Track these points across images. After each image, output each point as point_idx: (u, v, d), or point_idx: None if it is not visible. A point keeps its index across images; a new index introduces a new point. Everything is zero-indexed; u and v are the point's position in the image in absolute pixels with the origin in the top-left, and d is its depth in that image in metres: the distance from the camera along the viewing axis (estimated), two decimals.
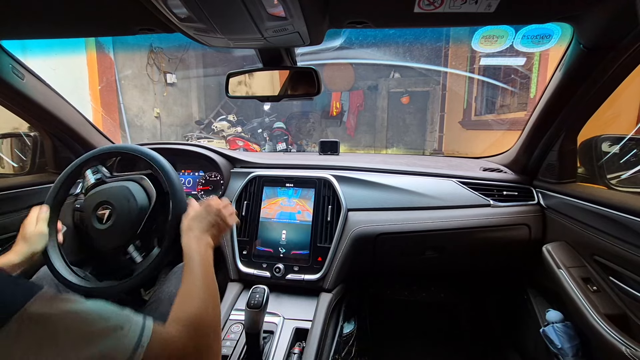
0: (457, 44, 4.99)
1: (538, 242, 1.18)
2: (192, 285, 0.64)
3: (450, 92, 5.66)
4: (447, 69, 5.06)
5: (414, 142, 6.43)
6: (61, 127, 1.28)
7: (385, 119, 6.51)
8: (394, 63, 5.81)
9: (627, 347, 0.76)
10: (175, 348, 0.51)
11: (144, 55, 5.19)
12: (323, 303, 1.05)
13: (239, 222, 0.89)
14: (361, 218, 1.18)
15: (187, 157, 1.44)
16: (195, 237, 0.75)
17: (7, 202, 1.16)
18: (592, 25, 0.78)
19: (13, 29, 0.92)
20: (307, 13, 0.67)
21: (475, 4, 0.68)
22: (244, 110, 6.66)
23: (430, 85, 6.11)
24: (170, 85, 5.65)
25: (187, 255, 0.70)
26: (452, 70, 5.09)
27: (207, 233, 0.77)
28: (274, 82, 1.04)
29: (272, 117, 5.94)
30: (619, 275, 0.89)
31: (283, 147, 5.35)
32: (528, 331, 1.29)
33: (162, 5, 0.64)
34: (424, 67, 5.58)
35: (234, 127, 5.58)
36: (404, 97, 6.33)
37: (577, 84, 0.94)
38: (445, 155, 1.74)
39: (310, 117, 6.56)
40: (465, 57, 4.95)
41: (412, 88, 6.30)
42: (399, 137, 6.54)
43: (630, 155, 1.11)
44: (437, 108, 6.07)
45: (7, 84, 1.06)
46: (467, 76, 5.02)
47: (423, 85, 6.17)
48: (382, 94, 6.46)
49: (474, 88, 4.97)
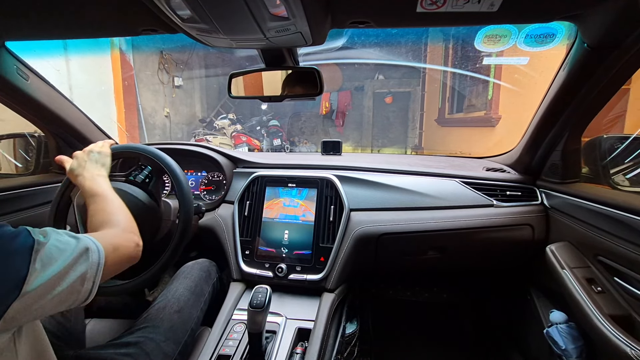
0: (434, 44, 5.46)
1: (541, 242, 1.17)
2: (104, 202, 0.78)
3: (429, 92, 6.22)
4: (448, 68, 5.20)
5: (397, 138, 7.03)
6: (65, 127, 1.29)
7: (371, 117, 7.10)
8: (394, 63, 6.15)
9: (632, 349, 0.75)
10: (117, 239, 0.67)
11: (155, 60, 5.80)
12: (325, 303, 1.05)
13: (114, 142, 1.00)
14: (364, 218, 1.18)
15: (190, 157, 1.44)
16: (85, 177, 0.85)
17: (11, 202, 1.17)
18: (596, 24, 0.77)
19: (17, 30, 0.93)
20: (310, 13, 0.67)
21: (478, 3, 0.68)
22: (240, 110, 7.19)
23: (411, 86, 6.73)
24: (178, 88, 6.33)
25: (88, 191, 0.81)
26: (452, 70, 5.30)
27: (91, 169, 0.87)
28: (276, 82, 1.04)
29: (269, 116, 6.38)
30: (623, 276, 0.88)
31: (278, 142, 5.85)
32: (531, 332, 1.29)
33: (165, 6, 0.65)
34: (423, 66, 5.95)
35: (234, 125, 6.00)
36: (388, 97, 6.91)
37: (581, 83, 0.93)
38: (448, 155, 1.73)
39: (302, 116, 7.12)
40: (440, 56, 5.45)
41: (395, 89, 6.91)
42: (384, 134, 7.11)
43: (635, 155, 1.10)
44: (417, 107, 6.68)
45: (12, 85, 1.06)
46: (441, 78, 5.60)
47: (405, 87, 6.80)
48: (368, 94, 7.03)
49: (447, 89, 5.52)
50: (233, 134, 5.57)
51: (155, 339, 0.84)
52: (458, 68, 4.92)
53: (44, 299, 0.49)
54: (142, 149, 1.03)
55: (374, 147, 7.13)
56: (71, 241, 0.56)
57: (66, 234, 0.57)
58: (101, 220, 0.73)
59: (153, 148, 1.04)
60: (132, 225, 0.76)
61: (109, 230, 0.71)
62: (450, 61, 5.08)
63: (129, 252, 0.68)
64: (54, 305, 0.51)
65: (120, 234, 0.70)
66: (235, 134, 5.55)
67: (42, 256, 0.50)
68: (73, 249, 0.55)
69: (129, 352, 0.78)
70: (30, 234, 0.51)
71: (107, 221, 0.73)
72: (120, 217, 0.75)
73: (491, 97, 4.29)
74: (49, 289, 0.49)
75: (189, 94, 6.88)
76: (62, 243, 0.54)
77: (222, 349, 0.91)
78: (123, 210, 0.78)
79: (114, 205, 0.78)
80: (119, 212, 0.77)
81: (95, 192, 0.80)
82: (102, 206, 0.77)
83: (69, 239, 0.56)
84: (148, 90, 5.71)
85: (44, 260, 0.50)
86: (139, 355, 0.79)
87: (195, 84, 6.95)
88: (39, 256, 0.50)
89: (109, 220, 0.73)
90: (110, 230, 0.71)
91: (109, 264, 0.60)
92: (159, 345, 0.83)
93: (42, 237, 0.52)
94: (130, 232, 0.73)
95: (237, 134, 5.55)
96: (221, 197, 1.35)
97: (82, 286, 0.55)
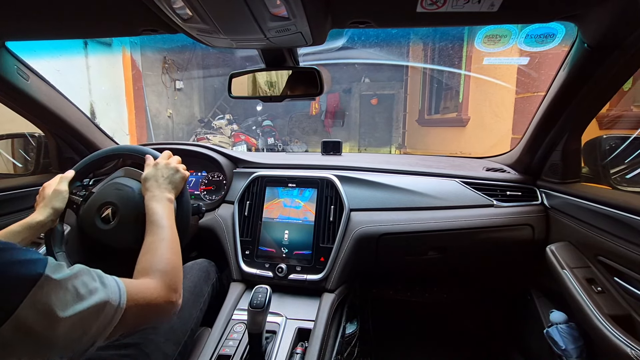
0: (416, 44, 5.95)
1: (542, 242, 1.17)
2: (158, 237, 0.73)
3: (411, 95, 6.77)
4: (447, 68, 5.31)
5: (382, 137, 7.50)
6: (65, 127, 1.28)
7: (358, 117, 7.61)
8: (393, 63, 6.50)
9: (632, 349, 0.75)
10: (150, 294, 0.60)
11: (158, 64, 6.33)
12: (325, 303, 1.05)
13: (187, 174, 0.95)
14: (364, 218, 1.18)
15: (190, 157, 1.44)
16: (154, 197, 0.82)
17: (11, 202, 1.17)
18: (596, 24, 0.77)
19: (17, 30, 0.93)
20: (310, 13, 0.67)
21: (478, 3, 0.68)
22: (235, 110, 7.68)
23: (395, 89, 7.27)
24: (179, 90, 6.89)
25: (150, 213, 0.78)
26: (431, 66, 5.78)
27: (164, 189, 0.85)
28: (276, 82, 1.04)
29: (264, 117, 6.87)
30: (623, 276, 0.88)
31: (272, 141, 6.34)
32: (531, 332, 1.28)
33: (166, 6, 0.65)
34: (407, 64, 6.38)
35: (230, 125, 6.48)
36: (373, 99, 7.43)
37: (581, 83, 0.93)
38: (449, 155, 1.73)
39: (293, 117, 7.59)
40: (421, 57, 6.02)
41: (380, 91, 7.42)
42: (370, 133, 7.58)
43: (635, 155, 1.10)
44: (401, 108, 7.21)
45: (12, 85, 1.06)
46: (421, 82, 6.15)
47: (389, 89, 7.33)
48: (355, 96, 7.57)
49: (426, 92, 6.06)
50: (233, 133, 5.94)
51: (155, 339, 0.83)
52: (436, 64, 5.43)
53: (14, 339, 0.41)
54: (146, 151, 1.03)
55: (361, 146, 7.56)
56: (96, 287, 0.50)
57: (97, 276, 0.52)
58: (148, 265, 0.67)
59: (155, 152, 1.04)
60: (176, 280, 0.68)
61: (149, 281, 0.63)
62: (430, 58, 5.66)
63: (160, 310, 0.62)
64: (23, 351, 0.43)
65: (160, 290, 0.63)
66: (235, 133, 5.92)
67: (44, 295, 0.44)
68: (89, 303, 0.48)
69: (129, 354, 0.78)
70: (43, 265, 0.45)
71: (152, 270, 0.66)
72: (168, 267, 0.68)
73: (462, 100, 4.79)
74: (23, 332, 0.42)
75: (188, 96, 7.36)
76: (83, 287, 0.48)
77: (222, 349, 0.91)
78: (174, 255, 0.72)
79: (166, 248, 0.72)
80: (169, 258, 0.70)
81: (155, 219, 0.76)
82: (155, 244, 0.71)
83: (94, 286, 0.50)
84: (153, 93, 6.19)
85: (42, 301, 0.43)
86: (139, 356, 0.79)
87: (194, 86, 7.40)
88: (42, 292, 0.43)
89: (154, 270, 0.66)
90: (150, 282, 0.63)
91: (131, 318, 0.55)
92: (158, 346, 0.83)
93: (61, 273, 0.47)
94: (171, 290, 0.65)
95: (236, 133, 5.93)
96: (221, 197, 1.35)
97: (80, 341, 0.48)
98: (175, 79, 6.72)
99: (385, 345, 1.62)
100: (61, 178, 0.91)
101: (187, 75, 7.03)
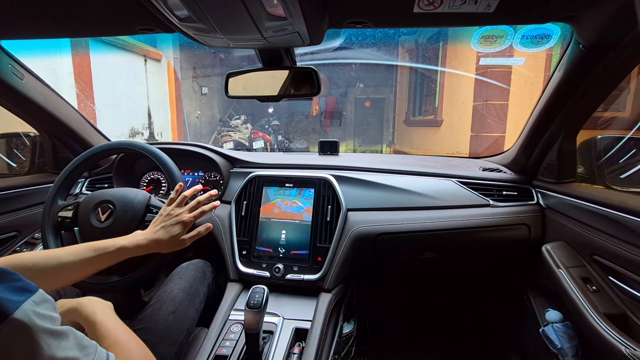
0: (405, 46, 6.62)
1: (538, 242, 1.18)
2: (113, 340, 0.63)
3: (399, 99, 7.67)
4: (445, 68, 5.45)
5: (374, 136, 8.34)
6: (60, 127, 1.28)
7: (353, 118, 8.46)
8: (393, 63, 7.11)
9: (627, 347, 0.76)
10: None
11: (190, 74, 7.58)
12: (323, 303, 1.05)
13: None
14: (361, 218, 1.18)
15: (187, 157, 1.44)
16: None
17: (6, 202, 1.16)
18: (592, 25, 0.78)
19: (12, 29, 0.92)
20: (307, 13, 0.67)
21: (474, 4, 0.68)
22: (250, 111, 8.51)
23: (385, 93, 8.17)
24: (204, 95, 8.22)
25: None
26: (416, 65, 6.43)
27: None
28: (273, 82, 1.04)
29: (274, 117, 7.62)
30: (618, 275, 0.89)
31: (280, 138, 7.17)
32: (528, 331, 1.29)
33: (162, 6, 0.64)
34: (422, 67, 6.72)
35: (245, 124, 7.29)
36: (367, 102, 8.25)
37: (577, 84, 0.94)
38: (446, 155, 1.74)
39: (296, 117, 8.31)
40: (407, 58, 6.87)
41: (372, 95, 8.28)
42: (364, 132, 8.43)
43: (629, 155, 1.11)
44: (391, 110, 8.07)
45: (7, 84, 1.06)
46: (407, 87, 6.96)
47: (380, 94, 8.21)
48: (350, 99, 8.46)
49: (411, 97, 6.87)
50: (253, 130, 6.87)
51: (151, 340, 0.83)
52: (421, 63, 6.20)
53: None
54: (141, 146, 1.03)
55: (355, 145, 8.27)
56: (73, 353, 0.43)
57: (85, 340, 0.47)
58: (121, 339, 0.63)
59: (153, 147, 1.04)
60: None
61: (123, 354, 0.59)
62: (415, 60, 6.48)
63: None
64: None
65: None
66: (254, 131, 6.85)
67: (13, 335, 0.38)
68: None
69: None
70: (19, 304, 0.39)
71: (123, 348, 0.61)
72: (135, 348, 0.64)
73: (437, 104, 5.57)
74: None
75: (210, 99, 8.57)
76: (60, 343, 0.42)
77: (219, 350, 0.90)
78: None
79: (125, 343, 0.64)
80: (132, 343, 0.65)
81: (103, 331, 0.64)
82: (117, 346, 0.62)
83: (83, 344, 0.45)
84: (186, 98, 7.39)
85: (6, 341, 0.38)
86: None
87: (214, 91, 8.56)
88: (8, 331, 0.38)
89: (127, 349, 0.62)
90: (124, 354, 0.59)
91: None
92: (154, 346, 0.83)
93: (44, 321, 0.41)
94: None
95: (255, 131, 6.82)
96: (218, 197, 1.35)
97: None
98: (202, 85, 7.95)
99: (383, 344, 1.62)
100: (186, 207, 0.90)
101: (209, 82, 8.06)
